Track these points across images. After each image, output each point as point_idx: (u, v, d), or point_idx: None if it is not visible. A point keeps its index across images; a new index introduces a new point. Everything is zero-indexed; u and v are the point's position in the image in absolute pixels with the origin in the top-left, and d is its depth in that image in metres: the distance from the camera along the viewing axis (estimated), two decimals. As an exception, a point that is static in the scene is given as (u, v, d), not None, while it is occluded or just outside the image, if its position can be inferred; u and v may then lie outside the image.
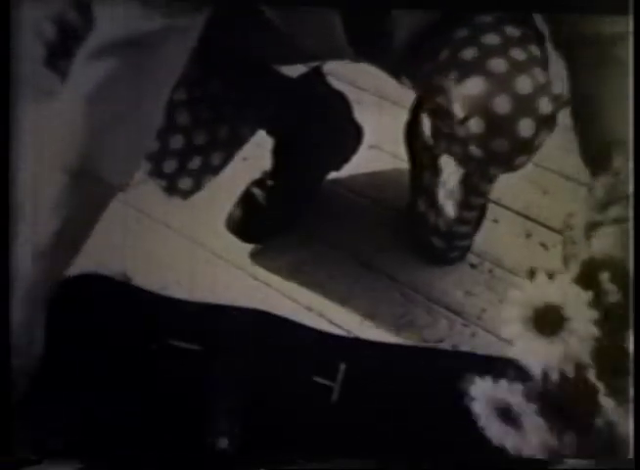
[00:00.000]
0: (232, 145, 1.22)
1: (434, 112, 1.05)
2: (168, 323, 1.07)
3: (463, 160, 1.03)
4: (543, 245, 1.35)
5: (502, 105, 0.94)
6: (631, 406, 0.89)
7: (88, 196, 0.92)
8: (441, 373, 1.04)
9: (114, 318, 1.04)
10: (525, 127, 0.95)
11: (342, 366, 1.03)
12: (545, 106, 0.95)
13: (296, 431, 0.96)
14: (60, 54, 0.98)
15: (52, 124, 0.92)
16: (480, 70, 0.95)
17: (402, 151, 1.36)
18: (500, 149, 0.96)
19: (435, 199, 1.18)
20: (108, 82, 0.88)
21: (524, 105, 0.94)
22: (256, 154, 1.34)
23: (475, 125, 0.95)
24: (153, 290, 1.14)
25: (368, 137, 1.42)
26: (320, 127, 1.30)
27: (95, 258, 1.19)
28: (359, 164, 1.43)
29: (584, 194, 0.90)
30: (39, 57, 1.00)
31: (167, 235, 1.31)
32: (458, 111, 0.96)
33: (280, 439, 0.95)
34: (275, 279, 1.25)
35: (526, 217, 1.38)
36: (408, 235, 1.31)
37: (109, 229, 1.19)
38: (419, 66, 1.04)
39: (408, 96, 1.24)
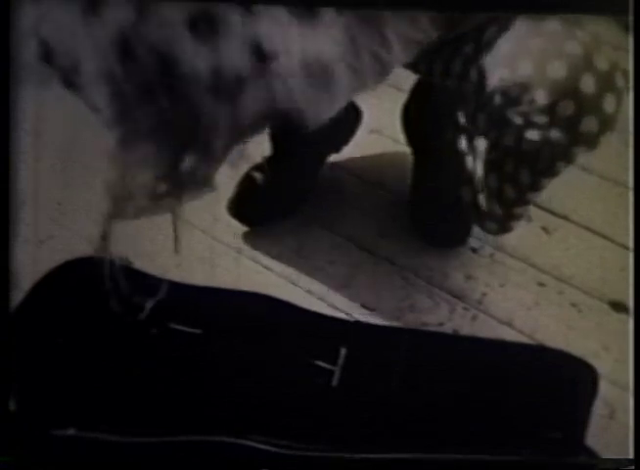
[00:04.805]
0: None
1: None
2: (169, 307, 1.07)
3: (538, 144, 1.02)
4: (544, 229, 1.35)
5: (588, 84, 0.95)
6: (631, 407, 0.89)
7: None
8: (443, 357, 1.04)
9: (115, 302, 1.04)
10: (610, 103, 0.96)
11: (344, 350, 1.03)
12: (620, 80, 0.96)
13: (295, 415, 0.96)
14: None
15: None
16: (559, 55, 0.95)
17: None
18: (588, 128, 0.97)
19: (487, 184, 1.15)
20: None
21: (605, 81, 0.95)
22: (256, 138, 1.33)
23: (563, 108, 0.96)
24: (153, 274, 1.14)
25: (369, 122, 1.42)
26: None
27: (96, 241, 1.19)
28: (360, 148, 1.43)
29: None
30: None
31: (168, 219, 1.31)
32: (541, 97, 0.96)
33: (279, 423, 0.95)
34: (275, 263, 1.25)
35: (528, 202, 1.38)
36: (451, 225, 1.30)
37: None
38: (468, 64, 1.03)
39: (408, 80, 1.24)
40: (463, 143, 1.17)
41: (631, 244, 0.93)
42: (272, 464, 0.90)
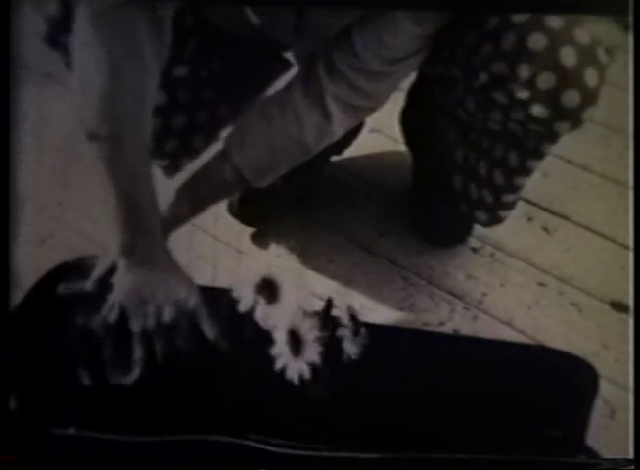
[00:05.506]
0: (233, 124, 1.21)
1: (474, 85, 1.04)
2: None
3: (523, 123, 1.02)
4: (545, 229, 1.35)
5: (568, 56, 0.95)
6: (632, 407, 0.89)
7: None
8: (443, 357, 1.04)
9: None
10: (591, 77, 0.95)
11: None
12: (602, 55, 0.96)
13: (294, 415, 0.96)
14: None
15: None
16: (539, 28, 0.95)
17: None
18: (570, 102, 0.96)
19: (478, 172, 1.15)
20: None
21: (586, 55, 0.95)
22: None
23: (544, 81, 0.96)
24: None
25: (369, 121, 1.41)
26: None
27: (98, 243, 1.19)
28: (360, 148, 1.43)
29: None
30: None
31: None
32: (524, 71, 0.96)
33: (279, 423, 0.95)
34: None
35: (528, 201, 1.38)
36: (439, 218, 1.31)
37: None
38: (454, 47, 1.03)
39: (408, 80, 1.24)
40: (455, 132, 1.17)
41: (631, 244, 0.93)
42: (271, 464, 0.90)
